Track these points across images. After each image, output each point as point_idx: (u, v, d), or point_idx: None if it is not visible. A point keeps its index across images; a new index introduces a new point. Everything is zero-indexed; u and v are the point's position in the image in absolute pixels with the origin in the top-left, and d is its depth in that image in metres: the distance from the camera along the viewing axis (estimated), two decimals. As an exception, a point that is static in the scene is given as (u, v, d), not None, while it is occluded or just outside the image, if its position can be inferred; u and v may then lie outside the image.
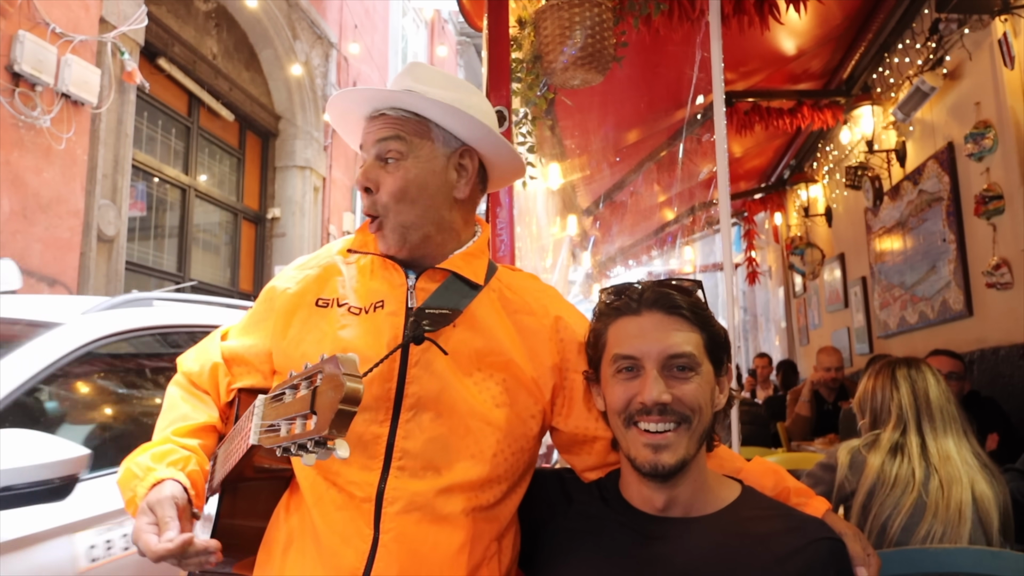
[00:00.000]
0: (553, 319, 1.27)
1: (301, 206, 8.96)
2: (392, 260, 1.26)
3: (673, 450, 1.11)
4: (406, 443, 1.13)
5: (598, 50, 2.27)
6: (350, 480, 1.13)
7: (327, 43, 9.38)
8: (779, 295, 9.59)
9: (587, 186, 6.17)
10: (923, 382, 1.98)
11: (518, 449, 1.19)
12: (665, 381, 1.13)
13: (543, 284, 1.38)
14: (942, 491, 1.82)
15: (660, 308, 1.17)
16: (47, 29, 5.02)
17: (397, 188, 1.21)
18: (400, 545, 1.09)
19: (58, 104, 5.11)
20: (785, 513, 1.16)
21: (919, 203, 5.02)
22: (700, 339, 1.16)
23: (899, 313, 5.50)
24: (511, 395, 1.20)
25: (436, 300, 1.20)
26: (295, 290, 1.29)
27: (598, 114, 4.11)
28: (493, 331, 1.22)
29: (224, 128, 8.17)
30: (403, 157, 1.22)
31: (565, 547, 1.20)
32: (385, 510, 1.10)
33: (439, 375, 1.16)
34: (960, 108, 4.38)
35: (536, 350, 1.24)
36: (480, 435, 1.15)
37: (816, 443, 4.45)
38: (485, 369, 1.19)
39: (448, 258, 1.26)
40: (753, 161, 7.41)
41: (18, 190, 4.81)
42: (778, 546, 1.09)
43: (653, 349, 1.14)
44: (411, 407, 1.15)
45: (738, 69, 4.99)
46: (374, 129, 1.24)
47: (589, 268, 8.30)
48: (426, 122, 1.23)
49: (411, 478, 1.12)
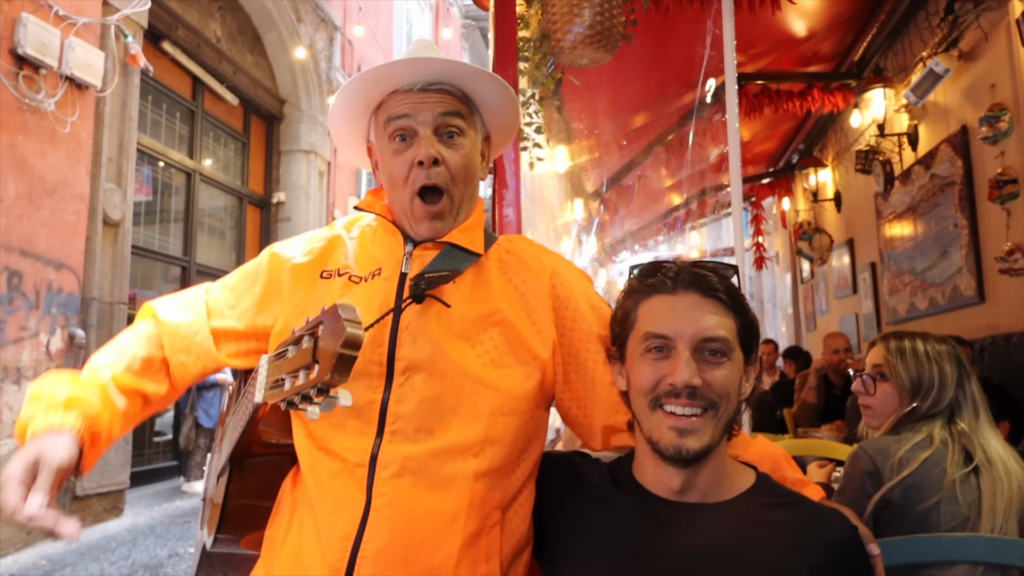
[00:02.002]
0: (549, 273, 1.26)
1: (306, 190, 8.94)
2: (395, 225, 1.27)
3: (698, 436, 1.09)
4: (399, 407, 1.13)
5: (607, 28, 2.23)
6: (345, 446, 1.12)
7: (331, 26, 9.32)
8: (786, 281, 9.53)
9: (594, 169, 6.12)
10: (967, 368, 1.87)
11: (517, 409, 1.17)
12: (697, 364, 1.09)
13: (541, 246, 1.37)
14: (994, 482, 1.73)
15: (696, 289, 1.13)
16: (50, 11, 4.98)
17: (461, 164, 1.22)
18: (392, 510, 1.08)
19: (62, 87, 5.09)
20: (800, 501, 1.14)
21: (931, 188, 4.96)
22: (734, 324, 1.13)
23: (909, 299, 5.45)
24: (507, 353, 1.18)
25: (435, 265, 1.21)
26: (301, 262, 1.29)
27: (607, 95, 4.06)
28: (491, 292, 1.22)
29: (228, 112, 8.14)
30: (462, 135, 1.23)
31: (575, 531, 1.18)
32: (378, 475, 1.09)
33: (430, 337, 1.15)
34: (975, 90, 4.31)
35: (533, 306, 1.23)
36: (473, 394, 1.14)
37: (823, 429, 4.42)
38: (479, 327, 1.18)
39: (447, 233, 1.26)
40: (761, 145, 7.34)
41: (23, 174, 4.80)
42: (795, 534, 1.07)
43: (687, 330, 1.10)
44: (403, 371, 1.14)
45: (748, 51, 4.92)
46: (431, 102, 1.21)
47: (595, 252, 8.27)
48: (473, 104, 1.27)
49: (404, 441, 1.11)
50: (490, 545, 1.12)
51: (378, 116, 1.27)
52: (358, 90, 1.25)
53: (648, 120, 5.22)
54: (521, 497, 1.20)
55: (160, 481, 7.01)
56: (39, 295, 4.92)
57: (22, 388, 4.76)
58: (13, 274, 4.71)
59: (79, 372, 1.22)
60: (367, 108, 1.29)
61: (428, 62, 1.20)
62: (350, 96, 1.26)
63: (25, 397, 1.16)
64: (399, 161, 1.21)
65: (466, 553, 1.09)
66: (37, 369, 4.88)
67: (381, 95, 1.25)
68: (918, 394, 1.85)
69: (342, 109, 1.29)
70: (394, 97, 1.23)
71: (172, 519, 5.77)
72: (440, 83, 1.22)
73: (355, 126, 1.33)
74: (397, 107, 1.22)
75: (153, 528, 5.46)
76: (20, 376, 4.77)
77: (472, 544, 1.10)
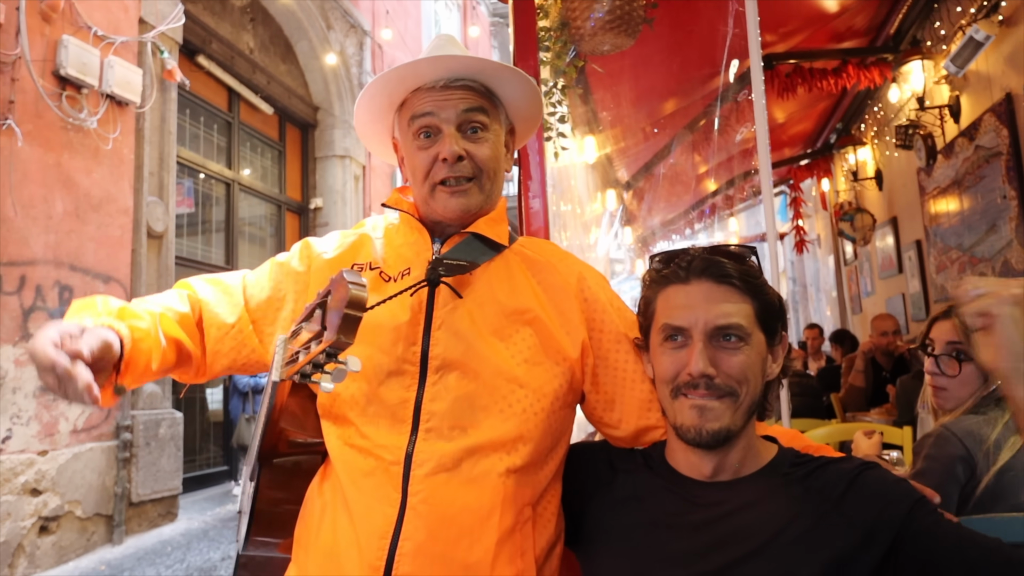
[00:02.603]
0: (577, 277, 1.28)
1: (343, 195, 9.07)
2: (421, 223, 1.28)
3: (718, 416, 1.09)
4: (433, 405, 1.14)
5: (626, 12, 2.21)
6: (379, 444, 1.13)
7: (361, 31, 9.42)
8: (829, 264, 9.33)
9: (625, 159, 6.07)
10: None
11: (548, 407, 1.17)
12: (712, 352, 1.10)
13: (561, 248, 1.39)
14: None
15: (709, 276, 1.13)
16: (89, 32, 5.15)
17: (487, 157, 1.24)
18: (429, 507, 1.09)
19: (103, 105, 5.25)
20: (823, 461, 1.14)
21: (976, 160, 4.80)
22: (751, 308, 1.12)
23: (958, 276, 5.29)
24: (539, 352, 1.19)
25: (454, 253, 1.22)
26: (332, 256, 1.31)
27: (632, 82, 4.02)
28: (518, 289, 1.23)
29: (264, 121, 8.29)
30: (486, 129, 1.24)
31: (610, 516, 1.19)
32: (413, 472, 1.10)
33: (463, 335, 1.17)
34: (1018, 56, 4.15)
35: (563, 307, 1.24)
36: (507, 392, 1.15)
37: (872, 413, 4.32)
38: (511, 326, 1.20)
39: (473, 224, 1.27)
40: (797, 126, 7.19)
41: (70, 191, 4.97)
42: (827, 489, 1.07)
43: (700, 319, 1.11)
44: (437, 369, 1.15)
45: (778, 30, 4.82)
46: (454, 99, 1.22)
47: (631, 243, 8.20)
48: (496, 98, 1.28)
49: (439, 439, 1.12)
50: (524, 541, 1.13)
51: (402, 113, 1.28)
52: (381, 89, 1.26)
53: (678, 106, 5.16)
54: (549, 493, 1.21)
55: (212, 486, 7.19)
56: (90, 307, 5.08)
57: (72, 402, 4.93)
58: (64, 288, 4.88)
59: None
60: (391, 106, 1.30)
61: (449, 59, 1.21)
62: (374, 95, 1.28)
63: (71, 307, 1.17)
64: (423, 156, 1.23)
65: (502, 549, 1.10)
66: (91, 379, 5.04)
67: (405, 92, 1.27)
68: None
69: (367, 108, 1.31)
70: (417, 94, 1.25)
71: (224, 522, 5.92)
72: (462, 79, 1.23)
73: (380, 123, 1.35)
74: (420, 105, 1.23)
75: (206, 532, 5.61)
76: (75, 386, 4.94)
77: (507, 540, 1.11)
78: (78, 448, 4.91)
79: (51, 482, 4.67)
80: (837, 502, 1.05)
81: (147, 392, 5.61)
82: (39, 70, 4.75)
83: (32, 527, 4.51)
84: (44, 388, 1.05)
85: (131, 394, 5.46)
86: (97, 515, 5.05)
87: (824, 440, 3.46)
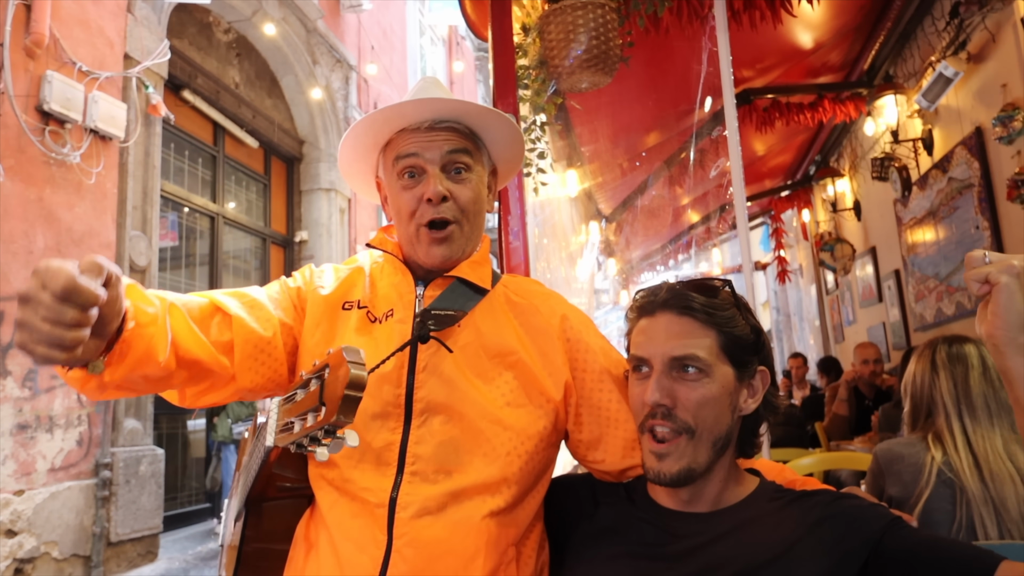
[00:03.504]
0: (560, 318, 1.29)
1: (328, 228, 9.07)
2: (404, 265, 1.29)
3: (675, 459, 1.10)
4: (418, 448, 1.14)
5: (603, 52, 2.26)
6: (364, 487, 1.13)
7: (346, 66, 9.52)
8: (811, 293, 9.42)
9: (608, 192, 6.14)
10: (963, 369, 1.85)
11: (532, 449, 1.18)
12: (671, 384, 1.11)
13: (547, 288, 1.40)
14: (991, 488, 1.70)
15: (671, 309, 1.15)
16: (74, 68, 5.17)
17: (470, 199, 1.25)
18: (414, 550, 1.09)
19: (87, 140, 5.25)
20: (802, 492, 1.15)
21: (949, 191, 4.90)
22: (713, 341, 1.13)
23: (935, 305, 5.36)
24: (522, 395, 1.20)
25: (442, 302, 1.22)
26: (327, 293, 1.30)
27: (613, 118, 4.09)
28: (501, 332, 1.23)
29: (249, 155, 8.32)
30: (470, 170, 1.26)
31: (591, 547, 1.19)
32: (398, 515, 1.10)
33: (448, 378, 1.17)
34: (986, 91, 4.27)
35: (545, 349, 1.25)
36: (492, 435, 1.15)
37: (856, 442, 4.34)
38: (495, 369, 1.21)
39: (456, 267, 1.28)
40: (777, 158, 7.31)
41: (51, 226, 4.95)
42: (805, 517, 1.08)
43: (658, 351, 1.13)
44: (422, 412, 1.16)
45: (755, 66, 4.93)
46: (439, 140, 1.24)
47: (615, 275, 8.25)
48: (479, 140, 1.30)
49: (423, 482, 1.12)
50: None
51: (387, 153, 1.30)
52: (367, 129, 1.28)
53: (658, 141, 5.24)
54: (533, 532, 1.21)
55: (193, 524, 7.05)
56: (70, 343, 5.03)
57: (55, 437, 4.86)
58: (44, 323, 4.83)
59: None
60: (376, 146, 1.32)
61: (435, 102, 1.24)
62: (359, 135, 1.30)
63: None
64: (408, 196, 1.24)
65: None
66: (69, 417, 4.97)
67: (390, 133, 1.29)
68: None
69: (351, 147, 1.32)
70: (402, 135, 1.27)
71: (205, 561, 5.80)
72: (447, 120, 1.26)
73: (364, 163, 1.36)
74: (405, 145, 1.25)
75: (187, 571, 5.49)
76: (52, 425, 4.86)
77: None
78: (56, 487, 4.82)
79: (27, 523, 4.57)
80: (812, 528, 1.06)
81: (128, 429, 5.53)
82: (22, 105, 4.76)
83: (7, 570, 4.40)
84: (21, 326, 0.83)
85: (111, 430, 5.38)
86: (74, 555, 4.93)
87: (810, 469, 3.46)
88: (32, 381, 4.71)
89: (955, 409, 1.81)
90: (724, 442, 1.14)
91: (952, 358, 1.85)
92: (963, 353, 1.85)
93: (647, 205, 6.02)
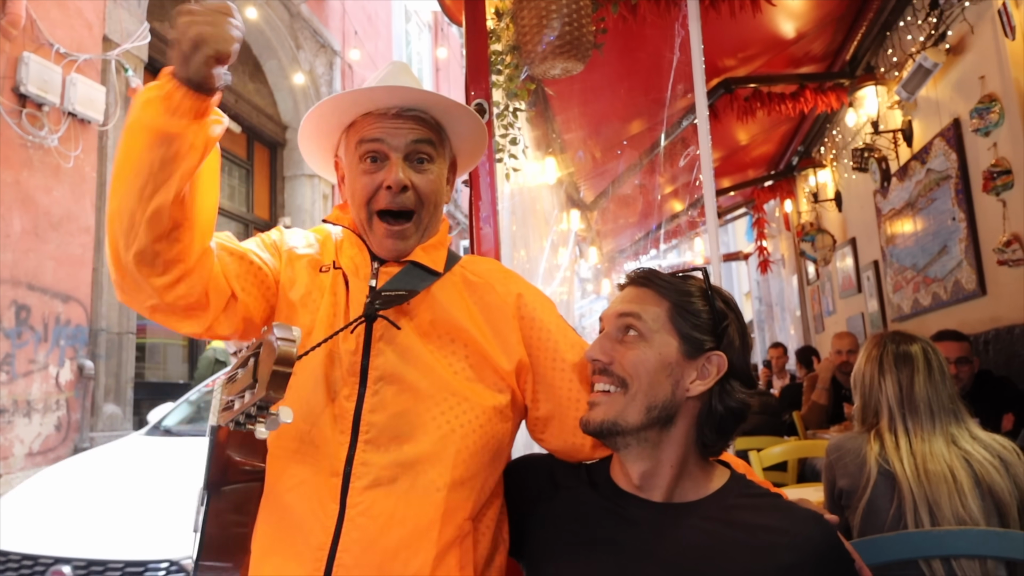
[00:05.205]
0: (515, 296, 1.29)
1: (311, 214, 9.03)
2: (360, 239, 1.29)
3: (604, 409, 1.14)
4: (372, 416, 1.14)
5: (576, 38, 2.26)
6: (318, 456, 1.14)
7: (330, 51, 9.45)
8: (792, 283, 9.49)
9: (590, 180, 6.15)
10: (909, 372, 1.88)
11: (486, 422, 1.18)
12: (612, 345, 1.17)
13: (506, 268, 1.41)
14: (927, 488, 1.76)
15: (635, 282, 1.22)
16: (51, 50, 5.10)
17: (431, 190, 1.26)
18: (367, 519, 1.09)
19: (65, 123, 5.19)
20: (773, 501, 1.14)
21: (927, 182, 4.94)
22: (663, 311, 1.16)
23: (912, 296, 5.42)
24: (476, 371, 1.21)
25: (393, 283, 1.23)
26: (302, 252, 1.31)
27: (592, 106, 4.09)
28: (455, 312, 1.24)
29: (232, 140, 8.25)
30: (432, 161, 1.27)
31: (553, 532, 1.20)
32: (352, 484, 1.11)
33: (403, 348, 1.18)
34: (964, 83, 4.31)
35: (500, 327, 1.25)
36: (446, 407, 1.16)
37: (831, 431, 4.39)
38: (448, 346, 1.21)
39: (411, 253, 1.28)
40: (760, 149, 7.34)
41: (28, 209, 4.89)
42: (766, 535, 1.07)
43: (611, 312, 1.21)
44: (376, 380, 1.16)
45: (737, 55, 4.95)
46: (404, 128, 1.24)
47: (597, 263, 8.27)
48: (443, 132, 1.31)
49: (377, 451, 1.12)
50: (463, 555, 1.14)
51: (350, 135, 1.29)
52: (333, 109, 1.28)
53: (642, 129, 5.25)
54: (489, 506, 1.22)
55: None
56: (47, 328, 5.00)
57: (32, 421, 4.83)
58: (21, 308, 4.79)
59: None
60: (340, 125, 1.32)
61: (405, 90, 1.24)
62: (324, 114, 1.29)
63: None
64: (366, 181, 1.24)
65: (441, 563, 1.10)
66: (47, 402, 4.95)
67: (355, 115, 1.28)
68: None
69: (315, 124, 1.31)
70: (368, 119, 1.26)
71: (186, 545, 5.79)
72: (414, 109, 1.25)
73: (326, 140, 1.36)
74: (370, 130, 1.25)
75: (167, 555, 5.48)
76: (30, 409, 4.83)
77: (446, 554, 1.11)
78: (33, 472, 4.80)
79: (4, 507, 4.55)
80: (772, 550, 1.06)
81: (107, 414, 5.51)
82: (-2, 87, 4.70)
83: (-18, 553, 4.39)
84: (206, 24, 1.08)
85: (90, 415, 5.35)
86: (52, 540, 4.92)
87: (782, 458, 3.50)
88: (9, 365, 4.68)
89: (899, 411, 1.85)
90: (661, 413, 1.12)
91: (899, 359, 1.88)
92: (910, 354, 1.88)
93: (629, 194, 6.03)
